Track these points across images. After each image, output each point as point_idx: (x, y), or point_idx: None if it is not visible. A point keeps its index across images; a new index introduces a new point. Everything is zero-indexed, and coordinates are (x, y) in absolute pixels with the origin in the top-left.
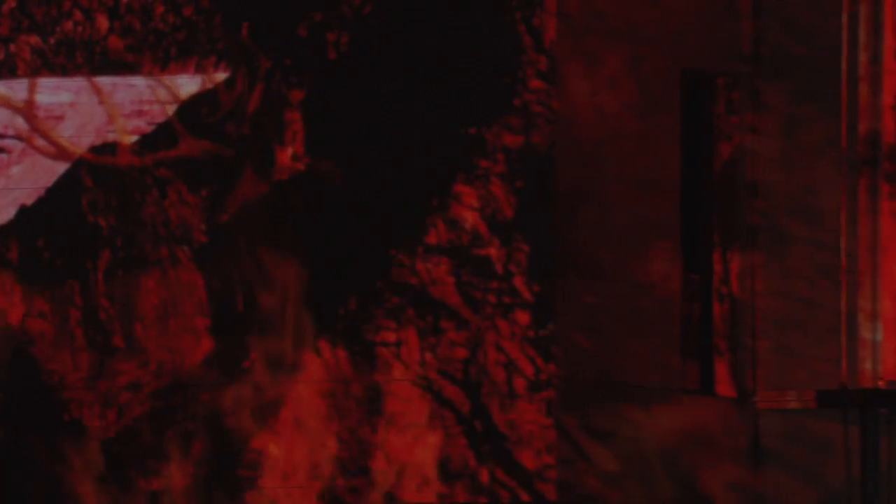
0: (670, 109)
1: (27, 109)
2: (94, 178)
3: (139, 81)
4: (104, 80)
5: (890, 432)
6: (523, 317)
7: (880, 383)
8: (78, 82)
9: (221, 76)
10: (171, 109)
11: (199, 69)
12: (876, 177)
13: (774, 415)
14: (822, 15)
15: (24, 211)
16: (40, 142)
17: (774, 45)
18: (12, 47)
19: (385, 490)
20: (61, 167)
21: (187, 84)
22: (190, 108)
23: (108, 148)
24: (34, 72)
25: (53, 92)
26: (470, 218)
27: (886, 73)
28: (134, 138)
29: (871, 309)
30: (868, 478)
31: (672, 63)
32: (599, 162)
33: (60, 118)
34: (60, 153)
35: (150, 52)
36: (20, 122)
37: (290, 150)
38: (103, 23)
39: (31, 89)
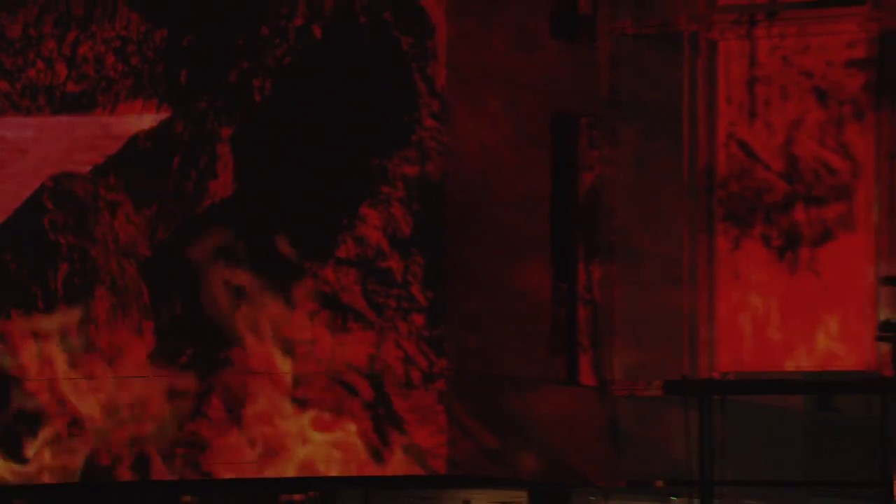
0: (542, 144)
1: None
2: (53, 201)
3: (93, 120)
4: (63, 120)
5: (722, 415)
6: (419, 319)
7: (715, 374)
8: (40, 121)
9: (163, 115)
10: (120, 144)
11: (144, 109)
12: (711, 202)
13: (629, 401)
14: (668, 67)
15: None
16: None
17: (629, 91)
18: None
19: (301, 465)
20: (26, 193)
21: (134, 122)
22: (136, 143)
23: (65, 176)
24: (1, 112)
25: (19, 129)
26: (374, 235)
27: (720, 116)
28: (88, 168)
29: (707, 312)
30: (705, 453)
31: (544, 106)
32: (483, 188)
33: (25, 151)
34: None
35: (102, 95)
36: None
37: (221, 178)
38: (62, 70)
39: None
